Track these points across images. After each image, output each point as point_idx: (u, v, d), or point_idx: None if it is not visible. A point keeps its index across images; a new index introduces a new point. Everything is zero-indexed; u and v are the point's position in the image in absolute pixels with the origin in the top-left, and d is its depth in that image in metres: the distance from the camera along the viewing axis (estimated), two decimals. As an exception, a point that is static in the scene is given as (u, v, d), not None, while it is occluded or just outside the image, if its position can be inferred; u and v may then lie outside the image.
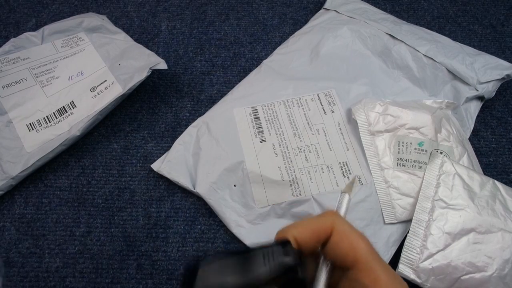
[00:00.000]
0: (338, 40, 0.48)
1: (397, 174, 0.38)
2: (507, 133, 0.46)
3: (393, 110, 0.40)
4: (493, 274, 0.32)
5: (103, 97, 0.43)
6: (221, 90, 0.49)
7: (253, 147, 0.41)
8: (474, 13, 0.56)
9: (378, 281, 0.18)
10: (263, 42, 0.53)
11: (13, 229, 0.39)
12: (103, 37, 0.48)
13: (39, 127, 0.42)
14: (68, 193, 0.42)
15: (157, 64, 0.44)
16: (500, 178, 0.42)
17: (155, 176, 0.42)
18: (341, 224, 0.20)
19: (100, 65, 0.46)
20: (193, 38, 0.54)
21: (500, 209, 0.35)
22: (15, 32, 0.53)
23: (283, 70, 0.47)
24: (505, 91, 0.48)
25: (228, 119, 0.43)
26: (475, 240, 0.33)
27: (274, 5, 0.57)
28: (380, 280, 0.18)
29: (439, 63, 0.45)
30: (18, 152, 0.41)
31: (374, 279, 0.18)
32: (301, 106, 0.43)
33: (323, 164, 0.39)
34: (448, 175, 0.36)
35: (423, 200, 0.36)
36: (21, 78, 0.44)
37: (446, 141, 0.39)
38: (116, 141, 0.45)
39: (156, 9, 0.57)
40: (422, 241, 0.34)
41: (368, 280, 0.18)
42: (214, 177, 0.39)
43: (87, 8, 0.57)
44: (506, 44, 0.53)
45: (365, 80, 0.45)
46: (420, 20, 0.56)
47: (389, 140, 0.39)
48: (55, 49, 0.46)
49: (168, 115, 0.47)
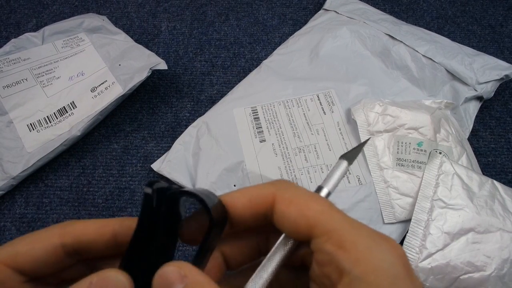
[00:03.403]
0: (338, 40, 0.48)
1: (396, 174, 0.38)
2: (505, 133, 0.46)
3: (392, 110, 0.40)
4: (491, 274, 0.32)
5: (104, 97, 0.44)
6: (221, 90, 0.49)
7: (253, 147, 0.41)
8: (473, 14, 0.57)
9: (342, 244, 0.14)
10: (263, 43, 0.54)
11: (13, 229, 0.40)
12: (103, 37, 0.48)
13: (39, 127, 0.42)
14: (69, 193, 0.42)
15: (157, 64, 0.44)
16: (499, 178, 0.42)
17: (155, 176, 0.42)
18: (286, 189, 0.16)
19: (101, 65, 0.46)
20: (193, 39, 0.54)
21: (499, 209, 0.35)
22: (16, 33, 0.54)
23: (282, 70, 0.47)
24: (504, 91, 0.49)
25: (228, 119, 0.43)
26: (474, 240, 0.33)
27: (274, 5, 0.58)
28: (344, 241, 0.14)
29: (438, 64, 0.45)
30: (18, 152, 0.41)
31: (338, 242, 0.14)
32: (301, 106, 0.43)
33: (323, 164, 0.40)
34: (447, 175, 0.37)
35: (422, 200, 0.36)
36: (22, 78, 0.44)
37: (445, 141, 0.40)
38: (117, 141, 0.45)
39: (156, 10, 0.57)
40: (421, 241, 0.34)
41: (331, 245, 0.14)
42: (214, 177, 0.39)
43: (88, 9, 0.57)
44: (505, 45, 0.53)
45: (364, 81, 0.45)
46: (419, 21, 0.56)
47: (388, 140, 0.40)
48: (55, 50, 0.47)
49: (168, 115, 0.47)
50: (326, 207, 0.15)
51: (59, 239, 0.15)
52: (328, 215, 0.15)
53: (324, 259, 0.14)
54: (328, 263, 0.14)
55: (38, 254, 0.15)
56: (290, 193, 0.16)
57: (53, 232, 0.16)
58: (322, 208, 0.15)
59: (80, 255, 0.16)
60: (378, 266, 0.13)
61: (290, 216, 0.15)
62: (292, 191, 0.16)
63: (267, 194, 0.16)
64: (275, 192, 0.16)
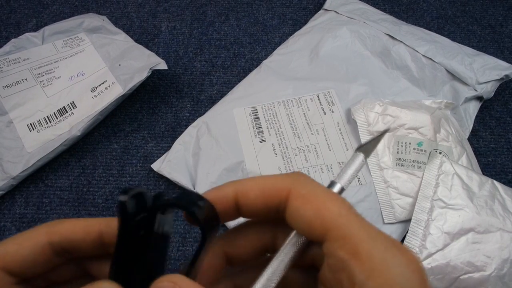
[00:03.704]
0: (338, 40, 0.48)
1: (396, 174, 0.38)
2: (505, 133, 0.46)
3: (392, 110, 0.40)
4: (491, 274, 0.32)
5: (104, 97, 0.44)
6: (221, 90, 0.49)
7: (253, 147, 0.41)
8: (473, 14, 0.57)
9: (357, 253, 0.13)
10: (263, 43, 0.54)
11: (13, 229, 0.40)
12: (103, 37, 0.48)
13: (39, 127, 0.42)
14: (69, 193, 0.42)
15: (157, 64, 0.44)
16: (499, 178, 0.42)
17: (155, 176, 0.42)
18: (303, 185, 0.15)
19: (101, 65, 0.46)
20: (193, 39, 0.54)
21: (499, 209, 0.35)
22: (16, 33, 0.54)
23: (282, 70, 0.47)
24: (504, 91, 0.49)
25: (228, 119, 0.43)
26: (474, 240, 0.33)
27: (274, 5, 0.58)
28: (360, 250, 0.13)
29: (438, 64, 0.45)
30: (18, 152, 0.41)
31: (353, 250, 0.13)
32: (301, 106, 0.43)
33: (323, 164, 0.40)
34: (447, 175, 0.37)
35: (422, 200, 0.36)
36: (22, 78, 0.44)
37: (445, 141, 0.40)
38: (117, 141, 0.45)
39: (156, 10, 0.57)
40: (421, 241, 0.34)
41: (345, 252, 0.13)
42: (214, 177, 0.39)
43: (88, 9, 0.57)
44: (505, 45, 0.53)
45: (364, 81, 0.45)
46: (419, 21, 0.56)
47: (388, 140, 0.40)
48: (55, 50, 0.47)
49: (168, 115, 0.47)
50: (344, 209, 0.14)
51: (47, 237, 0.15)
52: (346, 218, 0.14)
53: (336, 265, 0.14)
54: (340, 269, 0.13)
55: (27, 253, 0.15)
56: (307, 189, 0.15)
57: (41, 231, 0.16)
58: (340, 211, 0.14)
59: (69, 254, 0.16)
60: (393, 281, 0.13)
61: (305, 214, 0.14)
62: (309, 187, 0.15)
63: (282, 187, 0.15)
64: (291, 185, 0.15)
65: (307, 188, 0.15)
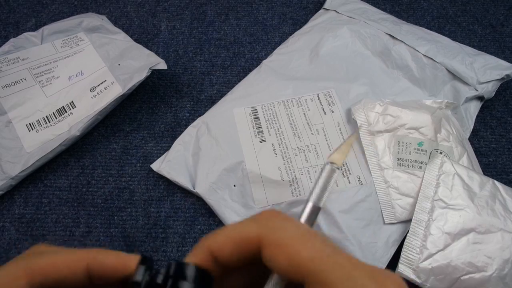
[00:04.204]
0: (338, 40, 0.48)
1: (397, 174, 0.38)
2: (506, 133, 0.46)
3: (392, 110, 0.40)
4: (493, 274, 0.32)
5: (103, 97, 0.43)
6: (221, 90, 0.49)
7: (252, 147, 0.41)
8: (473, 13, 0.56)
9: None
10: (263, 42, 0.53)
11: (12, 229, 0.39)
12: (102, 37, 0.48)
13: (38, 127, 0.42)
14: (68, 193, 0.42)
15: (156, 64, 0.44)
16: (499, 178, 0.42)
17: (154, 176, 0.42)
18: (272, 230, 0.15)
19: (100, 65, 0.46)
20: (192, 38, 0.54)
21: (500, 209, 0.35)
22: (15, 32, 0.53)
23: (282, 70, 0.47)
24: (505, 91, 0.48)
25: (227, 119, 0.43)
26: (474, 240, 0.33)
27: (274, 5, 0.57)
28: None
29: (439, 63, 0.45)
30: (17, 152, 0.41)
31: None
32: (301, 106, 0.43)
33: (323, 164, 0.39)
34: (448, 175, 0.36)
35: (422, 200, 0.36)
36: (21, 78, 0.44)
37: (445, 141, 0.39)
38: (116, 141, 0.45)
39: (156, 9, 0.57)
40: (421, 241, 0.34)
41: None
42: (213, 177, 0.39)
43: (87, 8, 0.57)
44: (506, 44, 0.53)
45: (364, 80, 0.45)
46: (420, 20, 0.56)
47: (388, 140, 0.39)
48: (54, 49, 0.46)
49: (167, 115, 0.47)
50: (317, 252, 0.14)
51: (26, 278, 0.14)
52: (318, 262, 0.14)
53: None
54: None
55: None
56: (277, 235, 0.15)
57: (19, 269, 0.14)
58: (312, 255, 0.14)
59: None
60: None
61: (279, 263, 0.14)
62: (279, 233, 0.15)
63: (252, 235, 0.15)
64: (260, 233, 0.15)
65: (276, 234, 0.15)
